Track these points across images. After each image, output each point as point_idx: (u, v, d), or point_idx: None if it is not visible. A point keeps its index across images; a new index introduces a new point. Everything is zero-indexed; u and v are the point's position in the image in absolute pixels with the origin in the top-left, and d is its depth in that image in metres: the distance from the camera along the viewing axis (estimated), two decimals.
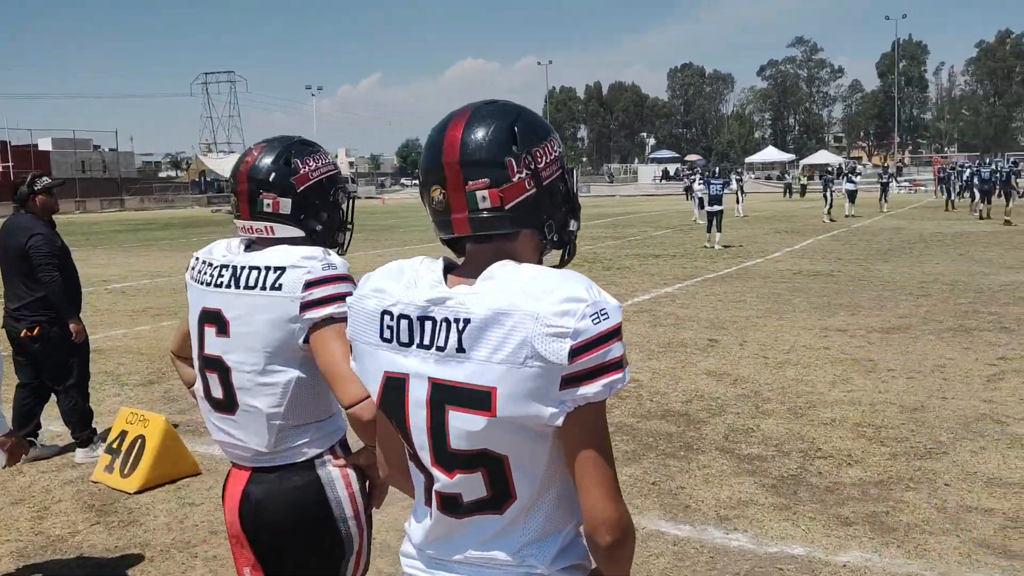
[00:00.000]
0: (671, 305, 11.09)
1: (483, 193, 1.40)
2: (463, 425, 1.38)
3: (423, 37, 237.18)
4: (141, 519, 4.55)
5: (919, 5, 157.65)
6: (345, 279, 2.06)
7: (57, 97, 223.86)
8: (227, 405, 2.13)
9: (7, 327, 5.49)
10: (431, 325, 1.40)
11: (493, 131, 1.42)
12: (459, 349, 1.36)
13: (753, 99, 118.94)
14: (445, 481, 1.43)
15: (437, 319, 1.39)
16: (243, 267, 2.08)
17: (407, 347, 1.43)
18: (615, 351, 1.33)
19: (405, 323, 1.42)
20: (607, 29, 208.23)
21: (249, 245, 2.18)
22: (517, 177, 1.42)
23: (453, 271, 1.49)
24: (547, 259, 1.54)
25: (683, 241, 21.21)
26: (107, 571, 3.99)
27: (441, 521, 1.47)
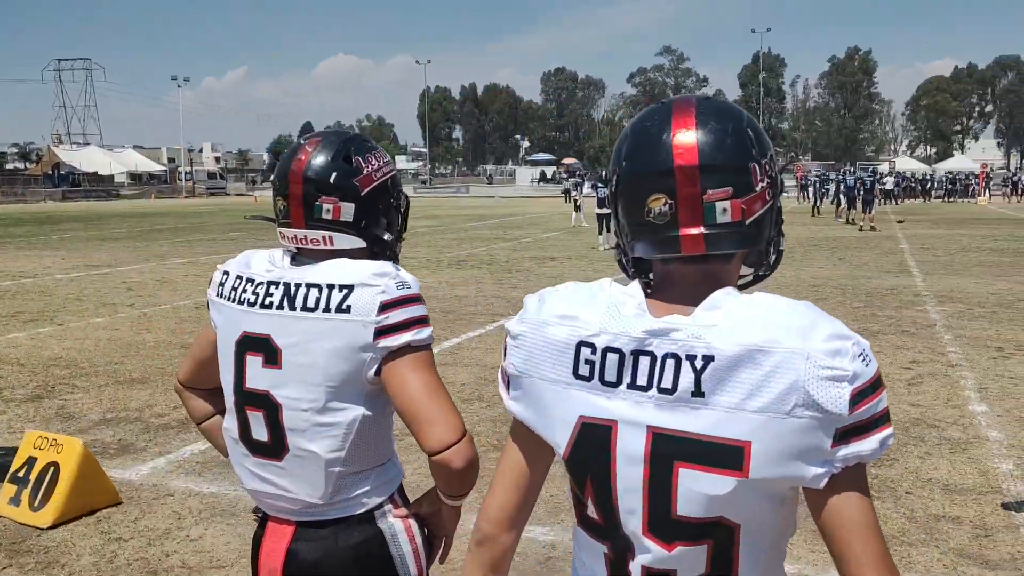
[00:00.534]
0: None
1: (724, 204, 1.16)
2: (700, 487, 1.12)
3: (292, 30, 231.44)
4: (62, 559, 4.00)
5: (778, 21, 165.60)
6: (420, 300, 1.76)
7: None
8: (273, 449, 1.78)
9: None
10: (649, 362, 1.14)
11: (732, 132, 1.17)
12: (695, 393, 1.11)
13: (623, 105, 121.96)
14: (660, 555, 1.17)
15: (658, 355, 1.14)
16: (298, 284, 1.74)
17: (613, 387, 1.16)
18: (884, 400, 1.11)
19: (614, 358, 1.16)
20: (480, 31, 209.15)
21: (294, 257, 1.84)
22: (759, 186, 1.18)
23: (650, 296, 1.23)
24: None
25: (574, 244, 21.33)
26: None
27: None
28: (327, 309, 1.70)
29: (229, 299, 1.82)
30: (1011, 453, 5.26)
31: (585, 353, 1.18)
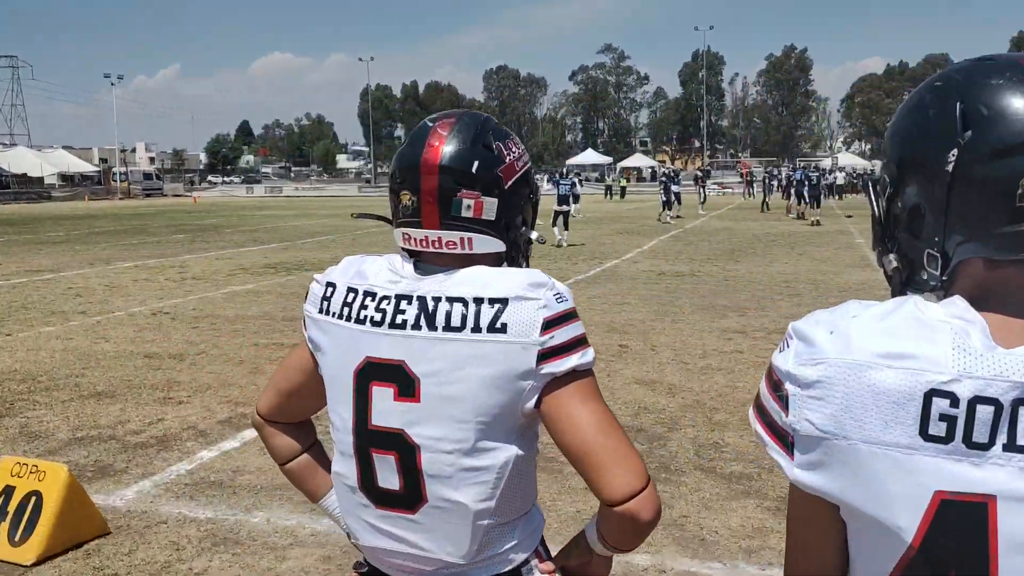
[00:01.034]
0: None
1: None
2: None
3: (226, 28, 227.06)
4: None
5: (716, 19, 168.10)
6: (578, 315, 1.47)
7: None
8: (405, 499, 1.46)
9: None
10: None
11: None
12: None
13: (565, 103, 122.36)
14: None
15: None
16: (437, 299, 1.42)
17: (982, 451, 0.87)
18: None
19: (986, 413, 0.87)
20: (418, 29, 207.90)
21: (416, 264, 1.52)
22: None
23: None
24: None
25: None
26: None
27: None
28: (477, 328, 1.39)
29: (341, 317, 1.49)
30: None
31: (939, 406, 0.89)
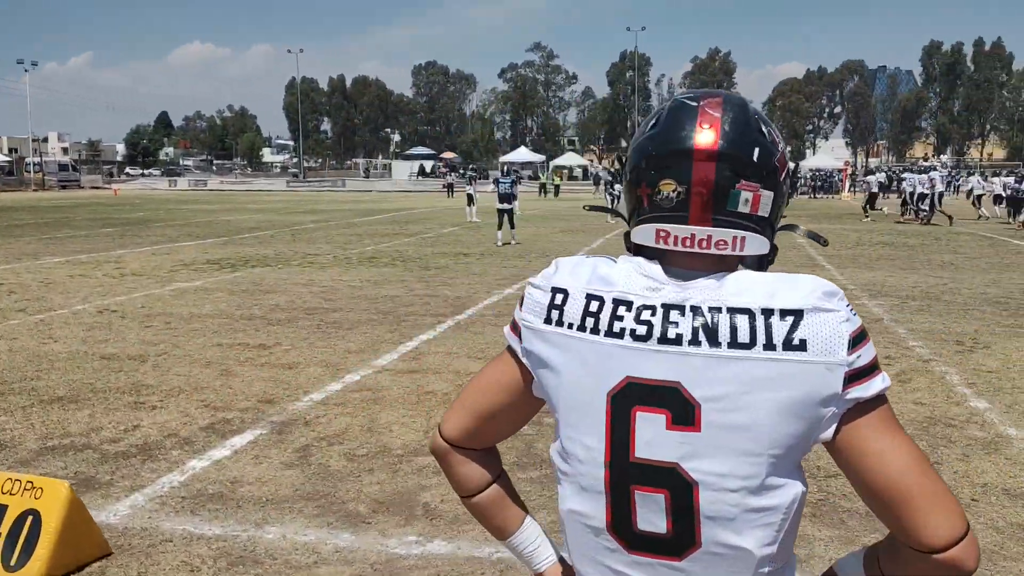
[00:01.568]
0: None
1: None
2: None
3: (140, 15, 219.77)
4: None
5: (644, 21, 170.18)
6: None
7: None
8: (672, 545, 1.25)
9: None
10: None
11: None
12: None
13: (495, 100, 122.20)
14: None
15: None
16: (716, 309, 1.22)
17: None
18: None
19: None
20: (343, 23, 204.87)
21: (667, 269, 1.31)
22: None
23: None
24: None
25: (479, 240, 20.89)
26: None
27: None
28: (770, 346, 1.19)
29: (584, 329, 1.27)
30: None
31: None
